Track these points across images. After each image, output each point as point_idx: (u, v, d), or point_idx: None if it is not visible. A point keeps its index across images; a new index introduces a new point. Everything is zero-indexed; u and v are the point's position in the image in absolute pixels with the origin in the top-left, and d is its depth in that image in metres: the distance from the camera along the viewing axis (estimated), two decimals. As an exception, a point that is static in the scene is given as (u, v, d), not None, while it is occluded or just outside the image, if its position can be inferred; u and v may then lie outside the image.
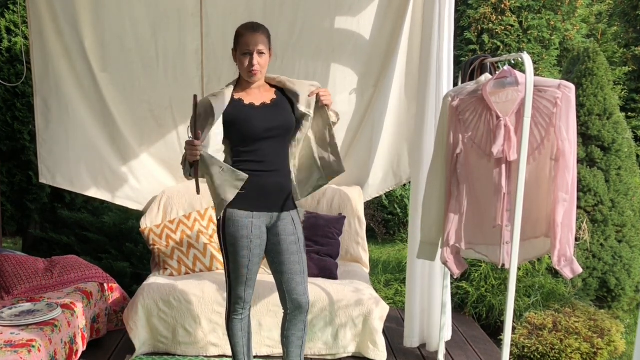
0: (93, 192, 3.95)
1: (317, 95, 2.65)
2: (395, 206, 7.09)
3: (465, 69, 3.07)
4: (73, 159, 3.85)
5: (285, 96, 2.70)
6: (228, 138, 2.62)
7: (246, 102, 2.62)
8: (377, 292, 3.80)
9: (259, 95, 2.65)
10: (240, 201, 2.57)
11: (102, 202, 5.23)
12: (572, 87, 2.51)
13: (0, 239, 4.29)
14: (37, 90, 3.73)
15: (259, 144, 2.58)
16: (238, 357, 2.79)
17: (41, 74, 3.71)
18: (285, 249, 2.66)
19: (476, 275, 4.17)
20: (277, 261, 2.69)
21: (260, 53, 2.56)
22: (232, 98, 2.61)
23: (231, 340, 2.78)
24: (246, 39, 2.55)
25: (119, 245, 4.76)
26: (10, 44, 5.07)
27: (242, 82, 2.68)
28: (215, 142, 2.57)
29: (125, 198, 4.02)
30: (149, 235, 3.77)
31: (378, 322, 3.31)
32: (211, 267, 3.67)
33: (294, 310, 2.72)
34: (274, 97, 2.68)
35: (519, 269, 3.91)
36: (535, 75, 2.59)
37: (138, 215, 4.49)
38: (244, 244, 2.59)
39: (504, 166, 2.61)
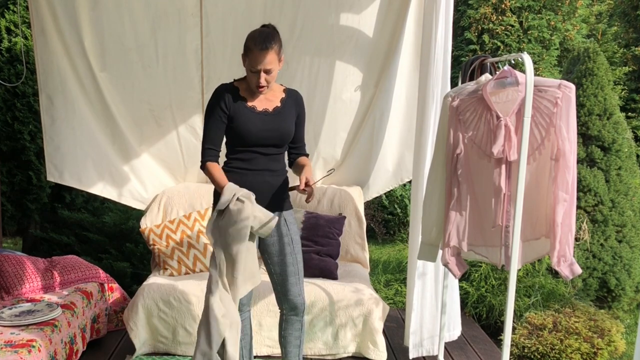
0: (100, 190, 3.92)
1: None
2: (395, 206, 7.08)
3: (465, 69, 3.06)
4: (80, 157, 3.82)
5: (294, 101, 2.68)
6: (226, 132, 2.62)
7: (249, 104, 2.60)
8: (377, 292, 3.80)
9: (264, 99, 2.63)
10: None
11: (103, 202, 5.24)
12: (572, 86, 2.51)
13: (0, 239, 4.29)
14: (42, 88, 3.70)
15: (252, 147, 2.58)
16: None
17: (45, 71, 3.68)
18: (279, 250, 2.67)
19: (476, 275, 4.17)
20: (271, 262, 2.70)
21: (268, 71, 2.50)
22: (239, 94, 2.60)
23: (231, 341, 2.77)
24: (255, 56, 2.47)
25: (119, 245, 4.76)
26: (10, 44, 5.07)
27: None
28: None
29: (130, 197, 4.01)
30: (149, 235, 3.77)
31: (378, 322, 3.30)
32: (211, 267, 3.67)
33: (289, 310, 2.72)
34: (278, 105, 2.64)
35: (519, 269, 3.90)
36: (536, 75, 2.59)
37: (138, 215, 4.49)
38: None
39: (504, 166, 2.60)
